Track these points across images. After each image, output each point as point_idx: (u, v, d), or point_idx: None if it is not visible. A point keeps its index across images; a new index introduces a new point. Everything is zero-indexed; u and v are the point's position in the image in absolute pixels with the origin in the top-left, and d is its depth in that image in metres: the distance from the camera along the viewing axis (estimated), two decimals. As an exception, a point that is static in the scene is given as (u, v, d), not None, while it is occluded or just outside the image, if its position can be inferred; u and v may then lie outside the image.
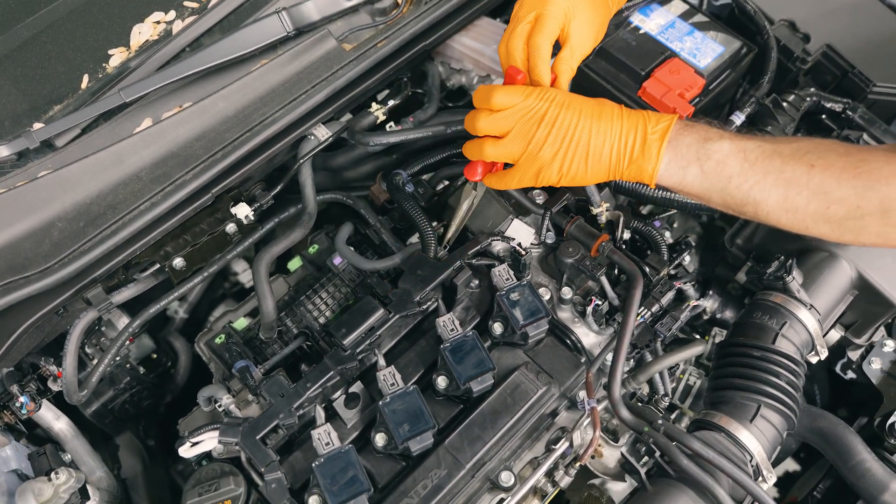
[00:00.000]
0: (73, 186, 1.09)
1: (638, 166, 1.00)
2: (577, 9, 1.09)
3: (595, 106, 1.03)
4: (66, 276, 1.03)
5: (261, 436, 1.02)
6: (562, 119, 1.00)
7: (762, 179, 0.94)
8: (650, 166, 0.99)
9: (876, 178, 0.90)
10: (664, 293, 1.16)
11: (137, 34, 1.20)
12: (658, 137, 0.98)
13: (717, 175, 0.96)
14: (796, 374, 1.12)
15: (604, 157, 1.01)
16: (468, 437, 1.06)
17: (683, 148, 0.98)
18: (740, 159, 0.96)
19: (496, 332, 1.14)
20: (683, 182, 0.99)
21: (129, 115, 1.17)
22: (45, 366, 1.15)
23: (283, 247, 1.20)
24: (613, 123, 1.01)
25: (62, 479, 1.05)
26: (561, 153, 1.01)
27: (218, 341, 1.27)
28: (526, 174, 1.05)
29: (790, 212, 0.94)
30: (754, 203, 0.96)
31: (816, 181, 0.92)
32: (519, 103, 1.01)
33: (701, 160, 0.97)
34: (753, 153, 0.95)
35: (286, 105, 1.19)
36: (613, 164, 1.01)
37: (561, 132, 1.00)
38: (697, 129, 0.99)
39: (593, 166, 1.02)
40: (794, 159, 0.94)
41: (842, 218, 0.92)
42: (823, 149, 0.94)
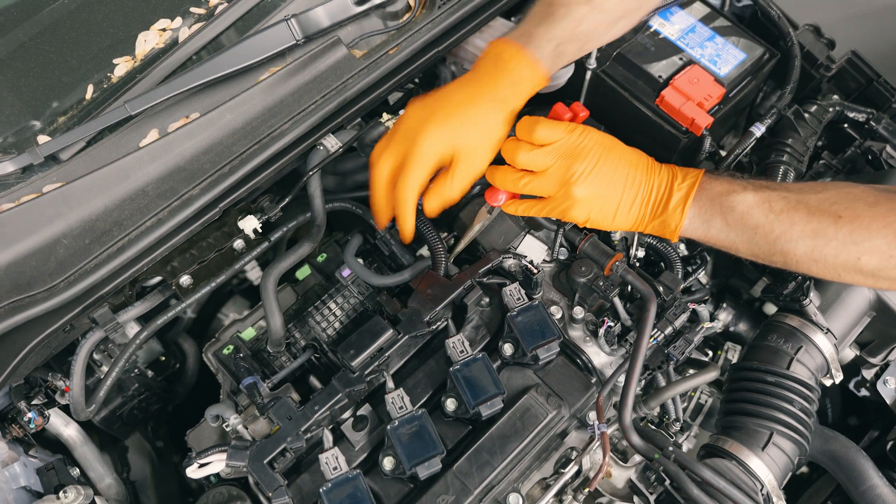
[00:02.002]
0: (78, 203, 1.07)
1: (662, 221, 1.01)
2: (463, 131, 1.02)
3: (632, 155, 1.03)
4: (72, 295, 1.02)
5: (268, 459, 1.02)
6: (602, 162, 1.00)
7: (788, 230, 0.93)
8: (674, 223, 1.00)
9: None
10: (678, 315, 1.14)
11: (143, 42, 1.17)
12: (683, 195, 0.99)
13: (743, 226, 0.95)
14: (810, 400, 1.11)
15: (633, 208, 1.02)
16: (477, 461, 1.05)
17: (707, 202, 0.98)
18: (765, 210, 0.94)
19: (506, 353, 1.12)
20: (708, 234, 0.99)
21: (134, 127, 1.14)
22: (53, 381, 1.14)
23: (291, 262, 1.19)
24: (647, 176, 1.01)
25: (70, 497, 1.06)
26: (594, 197, 1.00)
27: (226, 352, 1.26)
28: (554, 210, 1.03)
29: (819, 262, 0.92)
30: (782, 253, 0.94)
31: (845, 232, 0.90)
32: (563, 139, 1.00)
33: (725, 213, 0.96)
34: (778, 204, 0.94)
35: (295, 116, 1.17)
36: (639, 218, 1.02)
37: (599, 177, 0.99)
38: (721, 183, 0.99)
39: (620, 216, 1.02)
40: (820, 210, 0.92)
41: (874, 268, 0.90)
42: (851, 199, 0.92)
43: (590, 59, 1.36)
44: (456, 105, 1.03)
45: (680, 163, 1.40)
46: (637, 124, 1.37)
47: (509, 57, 1.05)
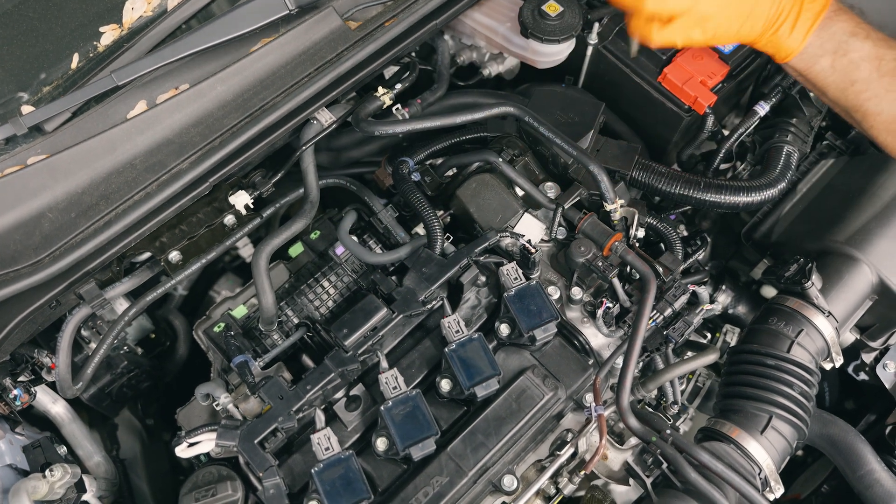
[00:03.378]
0: (63, 175, 1.04)
1: (777, 42, 0.97)
2: None
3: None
4: (57, 270, 1.00)
5: (259, 439, 1.00)
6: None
7: (884, 95, 0.92)
8: (791, 47, 0.96)
9: None
10: (677, 297, 1.12)
11: (130, 10, 1.14)
12: (811, 17, 0.94)
13: (844, 75, 0.94)
14: (810, 383, 1.10)
15: (757, 20, 0.96)
16: (471, 443, 1.03)
17: (827, 35, 0.95)
18: (874, 67, 0.93)
19: (503, 333, 1.10)
20: (810, 70, 0.97)
21: (122, 98, 1.11)
22: (39, 357, 1.12)
23: (283, 238, 1.16)
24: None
25: (57, 475, 1.04)
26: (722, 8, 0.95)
27: (217, 329, 1.24)
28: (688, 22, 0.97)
29: (894, 134, 0.92)
30: (864, 113, 0.94)
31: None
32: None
33: (837, 54, 0.94)
34: (889, 65, 0.92)
35: (288, 89, 1.14)
36: (760, 30, 0.97)
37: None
38: (847, 20, 0.95)
39: (743, 26, 0.97)
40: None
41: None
42: None
43: (591, 35, 1.33)
44: None
45: (681, 142, 1.38)
46: (638, 101, 1.34)
47: None
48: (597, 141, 1.27)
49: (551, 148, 1.23)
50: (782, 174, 1.24)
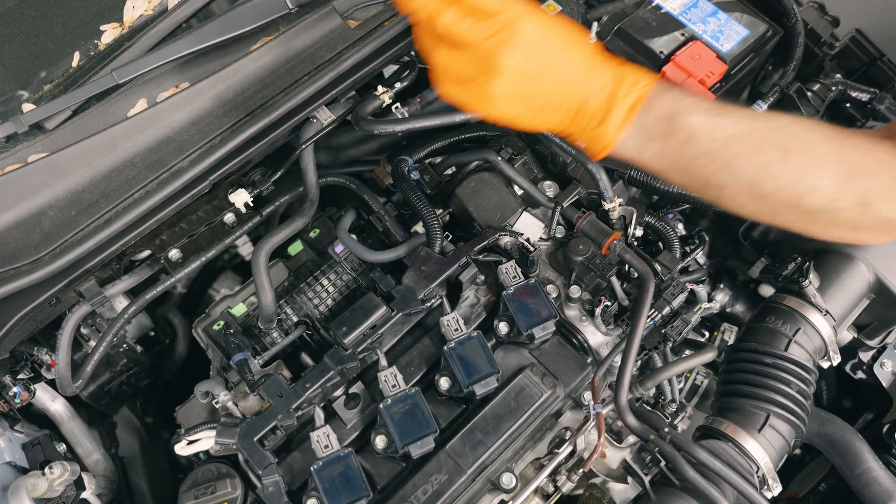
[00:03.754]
0: (64, 173, 1.04)
1: (593, 136, 0.84)
2: None
3: (573, 49, 0.83)
4: (57, 268, 1.00)
5: (258, 437, 1.00)
6: (535, 50, 0.81)
7: (731, 162, 0.81)
8: (605, 141, 0.84)
9: (859, 167, 0.78)
10: (675, 295, 1.12)
11: (131, 9, 1.14)
12: (625, 111, 0.82)
13: (682, 154, 0.82)
14: (807, 382, 1.10)
15: (559, 114, 0.84)
16: (470, 441, 1.04)
17: (650, 121, 0.82)
18: (710, 138, 0.81)
19: (501, 331, 1.11)
20: (640, 157, 0.85)
21: (122, 96, 1.11)
22: (39, 355, 1.12)
23: (283, 236, 1.16)
24: (586, 78, 0.82)
25: (56, 472, 1.04)
26: (517, 92, 0.82)
27: (216, 328, 1.24)
28: (470, 96, 0.84)
29: (759, 199, 0.82)
30: (717, 187, 0.83)
31: (791, 167, 0.80)
32: (502, 8, 0.81)
33: (666, 136, 0.82)
34: (726, 131, 0.81)
35: (288, 88, 1.14)
36: (564, 126, 0.86)
37: (527, 69, 0.81)
38: (667, 102, 0.82)
39: (542, 118, 0.85)
40: (768, 141, 0.81)
41: (815, 210, 0.81)
42: (804, 130, 0.81)
43: (590, 34, 1.33)
44: None
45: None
46: (637, 101, 1.34)
47: None
48: (595, 140, 1.27)
49: (550, 146, 1.23)
50: (780, 173, 1.24)
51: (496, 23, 0.80)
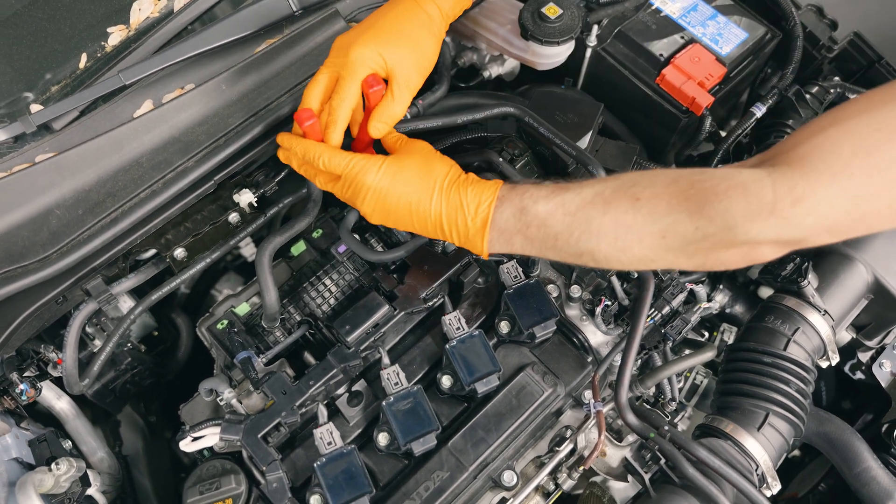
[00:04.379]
0: (71, 173, 1.06)
1: (467, 245, 0.97)
2: (393, 45, 1.01)
3: (420, 184, 0.97)
4: (65, 266, 1.01)
5: (262, 434, 1.01)
6: (385, 198, 0.97)
7: (587, 228, 0.86)
8: (478, 248, 0.95)
9: (713, 196, 0.79)
10: (675, 295, 1.13)
11: (137, 11, 1.15)
12: (479, 226, 0.93)
13: (543, 238, 0.90)
14: (806, 381, 1.11)
15: (429, 233, 0.99)
16: (472, 438, 1.05)
17: (503, 224, 0.92)
18: (560, 215, 0.88)
19: (503, 330, 1.12)
20: (513, 251, 0.94)
21: (128, 97, 1.13)
22: (45, 353, 1.13)
23: (287, 236, 1.17)
24: (437, 207, 0.96)
25: (63, 468, 1.05)
26: (385, 220, 1.00)
27: (220, 326, 1.25)
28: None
29: (626, 251, 0.85)
30: (589, 252, 0.88)
31: (643, 213, 0.83)
32: (344, 174, 0.98)
33: (522, 230, 0.91)
34: (573, 203, 0.88)
35: (292, 89, 1.16)
36: (439, 237, 0.99)
37: (384, 209, 0.98)
38: (513, 202, 0.92)
39: (422, 232, 1.00)
40: (616, 197, 0.85)
41: (680, 244, 0.82)
42: (649, 179, 0.85)
43: (590, 37, 1.35)
44: (387, 21, 1.02)
45: (679, 143, 1.40)
46: (637, 103, 1.35)
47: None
48: (595, 141, 1.29)
49: (551, 148, 1.24)
50: (779, 175, 1.25)
51: (345, 181, 0.98)
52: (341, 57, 1.01)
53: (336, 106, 1.00)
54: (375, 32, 1.01)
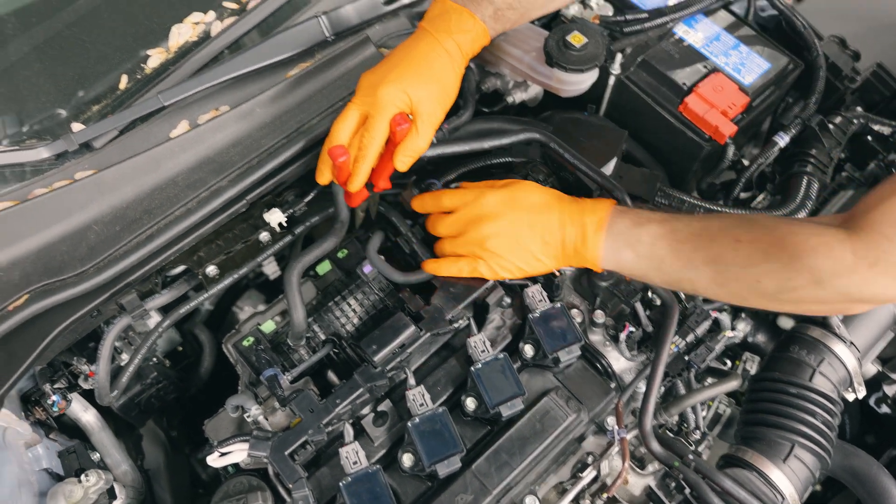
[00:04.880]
0: (110, 190, 1.09)
1: (581, 258, 1.04)
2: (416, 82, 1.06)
3: (538, 200, 1.05)
4: (101, 280, 1.03)
5: (289, 451, 1.02)
6: (508, 218, 1.04)
7: (692, 257, 0.94)
8: (591, 259, 1.02)
9: (803, 250, 0.86)
10: (699, 323, 1.14)
11: (176, 35, 1.19)
12: (595, 228, 1.01)
13: (651, 257, 0.98)
14: (832, 413, 1.11)
15: (550, 253, 1.06)
16: (496, 462, 1.05)
17: (616, 234, 1.00)
18: (670, 240, 0.96)
19: (527, 354, 1.13)
20: (620, 265, 1.01)
21: (165, 117, 1.16)
22: (77, 365, 1.15)
23: (314, 256, 1.19)
24: (558, 218, 1.04)
25: (92, 480, 1.06)
26: (509, 250, 1.06)
27: (246, 343, 1.27)
28: (475, 269, 1.10)
29: (723, 286, 0.94)
30: (689, 281, 0.96)
31: (743, 255, 0.90)
32: (464, 205, 1.07)
33: (633, 245, 0.99)
34: (682, 232, 0.96)
35: (324, 112, 1.18)
36: (557, 260, 1.07)
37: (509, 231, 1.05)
38: (629, 215, 1.01)
39: (539, 263, 1.07)
40: (721, 235, 0.93)
41: (774, 291, 0.90)
42: (751, 223, 0.93)
43: (614, 65, 1.37)
44: (410, 60, 1.07)
45: (701, 171, 1.41)
46: (659, 131, 1.37)
47: (454, 11, 1.10)
48: (619, 168, 1.30)
49: (576, 173, 1.26)
50: (802, 204, 1.26)
51: (466, 210, 1.07)
52: (370, 96, 1.05)
53: (367, 143, 1.05)
54: (401, 72, 1.06)
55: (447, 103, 1.10)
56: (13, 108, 1.18)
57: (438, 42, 1.08)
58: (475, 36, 1.10)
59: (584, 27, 1.28)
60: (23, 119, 1.18)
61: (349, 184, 1.10)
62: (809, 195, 1.28)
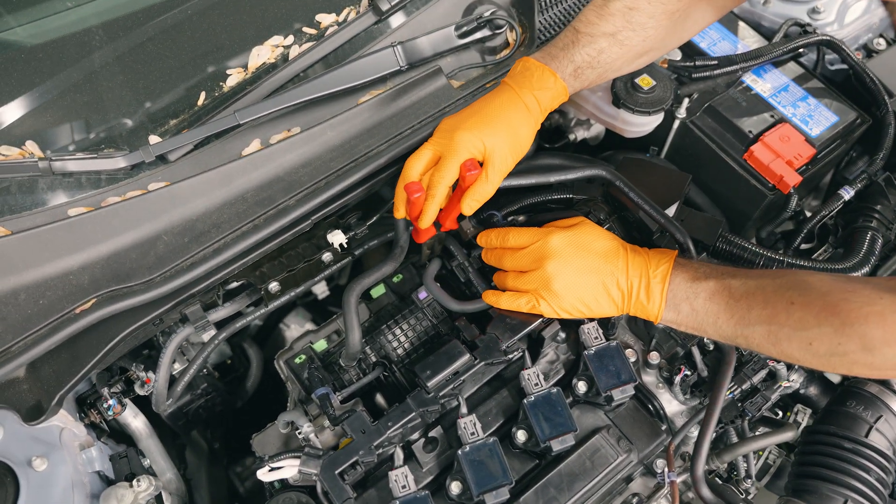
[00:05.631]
0: (182, 202, 1.12)
1: (642, 308, 1.05)
2: (492, 132, 1.08)
3: (604, 246, 1.07)
4: (168, 290, 1.06)
5: (340, 470, 1.03)
6: (574, 260, 1.05)
7: (746, 315, 0.95)
8: (654, 309, 1.03)
9: (855, 318, 0.87)
10: (756, 371, 1.13)
11: (256, 56, 1.23)
12: (659, 280, 1.02)
13: (707, 312, 0.99)
14: (887, 471, 1.09)
15: (611, 299, 1.06)
16: (544, 496, 1.05)
17: (675, 288, 1.02)
18: (726, 297, 0.97)
19: (580, 390, 1.12)
20: (678, 319, 1.03)
21: (238, 135, 1.19)
22: (135, 371, 1.17)
23: (373, 279, 1.21)
24: (623, 266, 1.05)
25: (143, 486, 1.08)
26: (571, 292, 1.06)
27: (297, 361, 1.29)
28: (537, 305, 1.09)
29: (776, 345, 0.94)
30: (744, 337, 0.97)
31: (796, 317, 0.91)
32: (532, 244, 1.08)
33: (691, 299, 1.00)
34: (738, 290, 0.97)
35: (392, 139, 1.20)
36: (618, 307, 1.07)
37: (572, 274, 1.05)
38: (688, 269, 1.03)
39: (599, 306, 1.07)
40: (775, 296, 0.94)
41: (825, 353, 0.90)
42: (805, 286, 0.93)
43: (680, 109, 1.38)
44: (489, 110, 1.10)
45: (762, 220, 1.40)
46: (721, 177, 1.37)
47: (536, 69, 1.13)
48: (681, 211, 1.30)
49: (637, 214, 1.26)
50: (865, 258, 1.25)
51: (533, 251, 1.07)
52: (446, 139, 1.09)
53: (436, 182, 1.08)
54: (478, 120, 1.09)
55: (519, 155, 1.13)
56: (93, 116, 1.22)
57: (519, 97, 1.11)
58: (555, 93, 1.13)
59: (652, 70, 1.29)
60: (101, 128, 1.22)
61: (419, 221, 1.12)
62: (873, 251, 1.26)
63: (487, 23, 1.29)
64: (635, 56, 1.18)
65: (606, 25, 1.13)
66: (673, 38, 1.20)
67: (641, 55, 1.18)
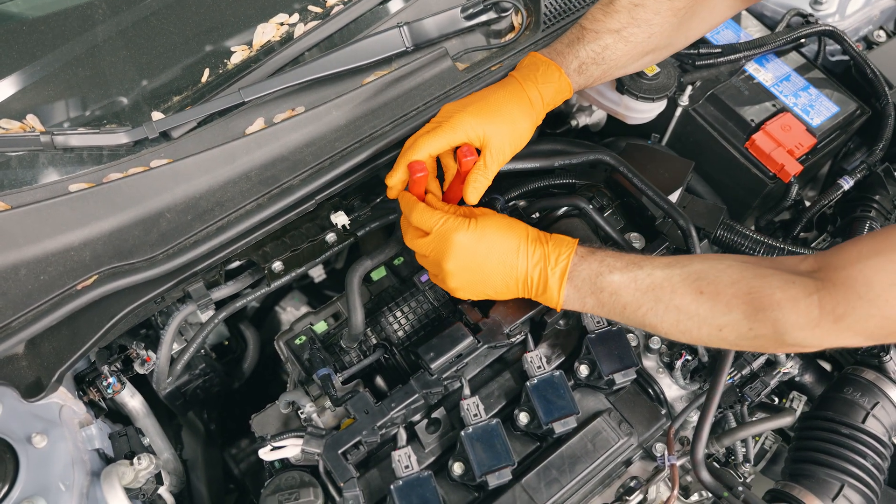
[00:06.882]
0: (185, 179, 1.10)
1: (544, 298, 1.04)
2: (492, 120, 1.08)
3: (505, 239, 1.04)
4: (171, 267, 1.05)
5: (343, 450, 1.03)
6: (473, 251, 1.02)
7: (654, 307, 0.96)
8: (553, 301, 1.03)
9: (767, 304, 0.87)
10: (756, 356, 1.14)
11: (261, 34, 1.21)
12: (557, 279, 1.01)
13: (613, 304, 0.99)
14: (883, 456, 1.10)
15: (510, 290, 1.05)
16: (545, 478, 1.05)
17: (579, 282, 1.01)
18: (632, 289, 0.97)
19: (582, 374, 1.13)
20: (584, 309, 1.03)
21: (242, 113, 1.18)
22: (135, 349, 1.17)
23: (376, 262, 1.21)
24: (521, 260, 1.03)
25: (144, 464, 1.07)
26: (469, 281, 1.05)
27: (298, 342, 1.28)
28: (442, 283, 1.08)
29: (685, 334, 0.95)
30: (651, 326, 0.97)
31: (705, 308, 0.92)
32: (435, 228, 1.04)
33: (596, 292, 1.00)
34: (644, 282, 0.97)
35: (396, 120, 1.20)
36: (519, 294, 1.06)
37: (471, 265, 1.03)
38: (591, 264, 1.01)
39: (499, 294, 1.07)
40: (683, 286, 0.94)
41: (736, 339, 0.91)
42: (714, 274, 0.93)
43: (682, 97, 1.38)
44: (493, 99, 1.10)
45: (761, 208, 1.41)
46: (722, 165, 1.38)
47: (542, 64, 1.13)
48: (683, 198, 1.31)
49: (640, 199, 1.27)
50: (864, 248, 1.26)
51: (435, 237, 1.04)
52: (446, 119, 1.08)
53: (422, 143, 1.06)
54: (481, 107, 1.09)
55: (517, 146, 1.12)
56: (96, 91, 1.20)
57: (523, 89, 1.11)
58: (559, 88, 1.13)
59: (657, 57, 1.29)
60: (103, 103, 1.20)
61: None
62: (871, 239, 1.27)
63: (493, 5, 1.29)
64: (641, 54, 1.17)
65: (612, 22, 1.13)
66: (679, 37, 1.20)
67: (647, 53, 1.18)
